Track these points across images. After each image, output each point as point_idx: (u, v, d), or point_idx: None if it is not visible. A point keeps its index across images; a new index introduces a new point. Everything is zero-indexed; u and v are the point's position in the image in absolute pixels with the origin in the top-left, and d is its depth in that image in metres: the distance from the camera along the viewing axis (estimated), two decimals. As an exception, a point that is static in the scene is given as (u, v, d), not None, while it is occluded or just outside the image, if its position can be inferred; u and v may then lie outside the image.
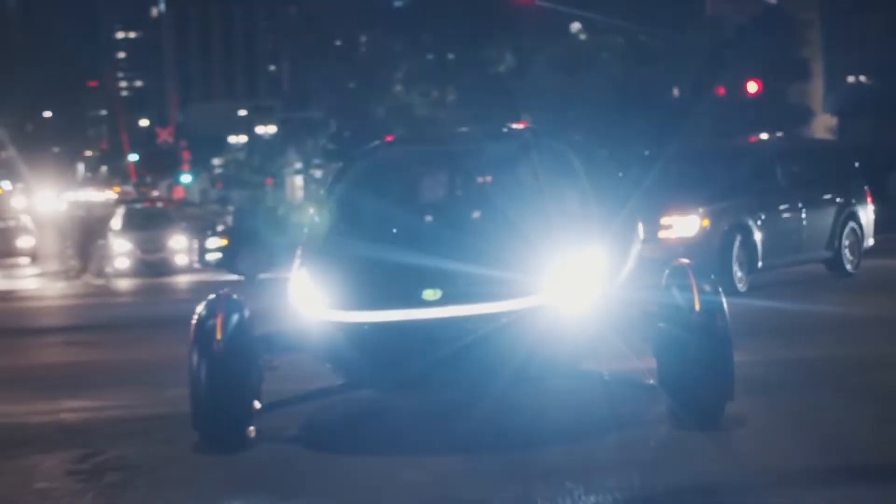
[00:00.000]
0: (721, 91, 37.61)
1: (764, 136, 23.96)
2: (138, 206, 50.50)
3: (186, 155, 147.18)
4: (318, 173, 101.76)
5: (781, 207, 17.79)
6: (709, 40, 37.41)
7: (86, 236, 40.70)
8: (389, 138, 13.95)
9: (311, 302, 8.31)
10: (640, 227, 10.16)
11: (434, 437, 8.47)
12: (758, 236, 16.95)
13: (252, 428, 8.30)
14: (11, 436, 9.49)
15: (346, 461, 7.82)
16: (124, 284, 32.94)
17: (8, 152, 79.98)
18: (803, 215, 18.16)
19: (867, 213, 19.47)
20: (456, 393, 9.08)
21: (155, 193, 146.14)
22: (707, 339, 7.98)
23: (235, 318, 8.23)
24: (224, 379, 7.99)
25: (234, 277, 28.95)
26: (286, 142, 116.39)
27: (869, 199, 19.61)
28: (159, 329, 18.03)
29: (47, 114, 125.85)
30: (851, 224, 18.95)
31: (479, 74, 51.38)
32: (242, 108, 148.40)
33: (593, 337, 8.41)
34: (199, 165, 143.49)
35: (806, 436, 8.02)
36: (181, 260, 38.68)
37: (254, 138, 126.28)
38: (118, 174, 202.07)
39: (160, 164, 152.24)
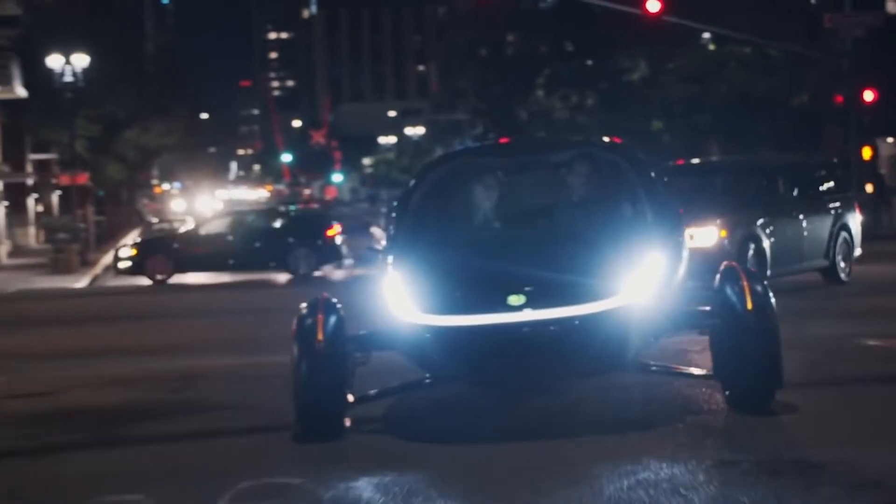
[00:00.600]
0: (839, 99, 40.17)
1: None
2: (293, 208, 53.91)
3: (338, 155, 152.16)
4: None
5: (786, 220, 18.77)
6: (827, 51, 40.04)
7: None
8: (504, 140, 14.27)
9: (402, 305, 8.83)
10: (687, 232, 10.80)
11: (511, 423, 9.04)
12: (767, 246, 17.91)
13: (347, 418, 8.85)
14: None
15: (429, 446, 8.33)
16: (282, 278, 36.82)
17: (172, 155, 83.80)
18: (804, 227, 19.10)
19: (856, 224, 20.49)
20: (532, 386, 9.86)
21: (307, 192, 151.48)
22: (758, 334, 8.61)
23: (332, 319, 8.79)
24: (322, 375, 8.58)
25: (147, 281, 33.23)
26: (434, 142, 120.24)
27: (857, 211, 20.79)
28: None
29: (204, 116, 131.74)
30: (844, 235, 19.96)
31: (614, 82, 54.65)
32: (392, 108, 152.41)
33: (660, 334, 9.10)
34: (350, 165, 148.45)
35: (854, 418, 8.72)
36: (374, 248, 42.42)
37: (403, 139, 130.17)
38: (271, 173, 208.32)
39: (313, 165, 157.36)
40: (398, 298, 8.87)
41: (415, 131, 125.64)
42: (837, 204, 20.02)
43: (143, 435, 9.32)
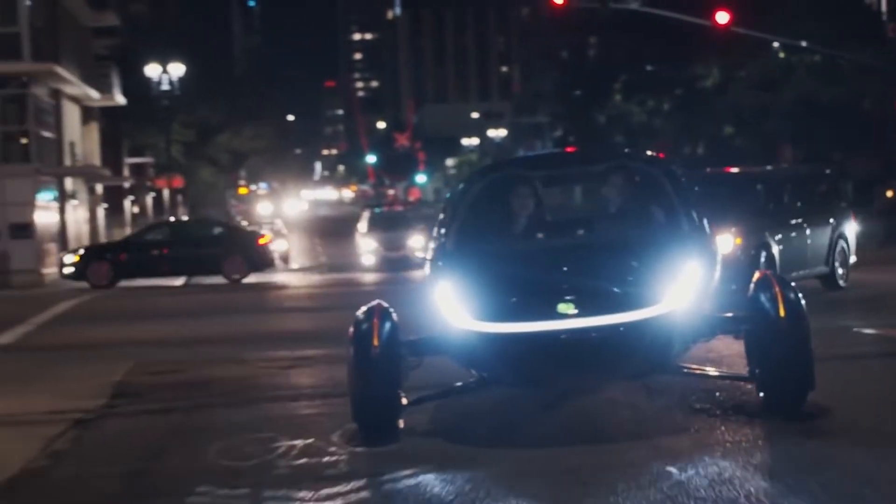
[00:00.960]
0: (902, 107, 41.87)
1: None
2: (378, 210, 55.97)
3: (421, 156, 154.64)
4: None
5: (792, 228, 19.59)
6: (891, 60, 41.76)
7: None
8: (570, 149, 15.45)
9: (455, 312, 9.17)
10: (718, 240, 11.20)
11: (559, 424, 9.48)
12: (776, 253, 18.68)
13: (401, 420, 9.22)
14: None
15: (477, 448, 8.70)
16: (371, 277, 39.09)
17: (262, 157, 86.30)
18: (808, 234, 19.95)
19: (852, 233, 21.39)
20: (580, 388, 10.40)
21: (391, 193, 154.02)
22: (791, 339, 9.03)
23: (387, 325, 9.16)
24: (378, 379, 8.97)
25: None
26: (516, 143, 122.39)
27: (853, 220, 21.64)
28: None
29: (291, 118, 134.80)
30: (841, 243, 20.84)
31: (688, 88, 56.61)
32: (475, 110, 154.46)
33: (699, 338, 9.51)
34: (434, 166, 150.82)
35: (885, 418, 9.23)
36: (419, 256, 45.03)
37: (485, 140, 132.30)
38: (356, 173, 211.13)
39: (397, 166, 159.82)
40: (450, 305, 9.25)
41: (497, 133, 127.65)
42: (835, 213, 21.01)
43: (266, 396, 11.74)
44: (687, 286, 9.16)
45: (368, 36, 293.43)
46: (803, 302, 9.22)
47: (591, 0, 45.36)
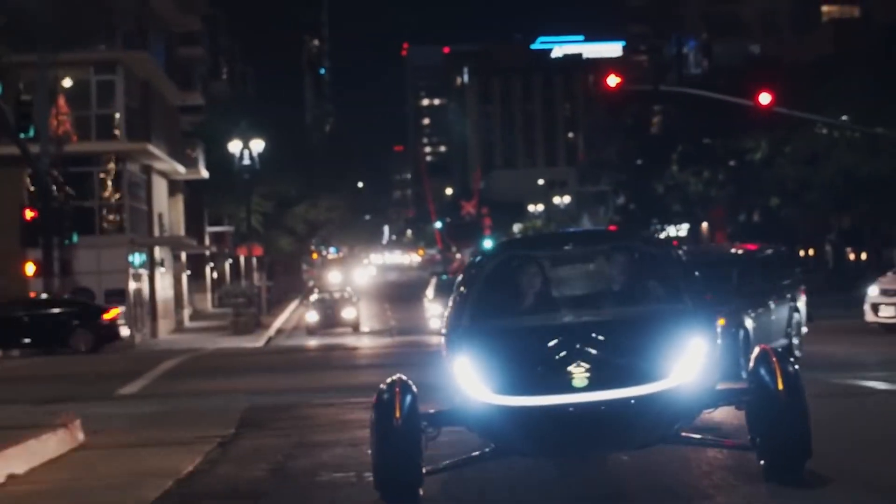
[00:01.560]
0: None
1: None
2: (444, 277, 59.55)
3: (488, 221, 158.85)
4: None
5: (761, 306, 21.49)
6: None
7: None
8: (612, 228, 16.25)
9: (473, 385, 9.73)
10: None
11: (572, 492, 10.24)
12: (751, 329, 20.60)
13: (421, 489, 9.80)
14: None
15: None
16: (437, 340, 42.65)
17: (334, 224, 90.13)
18: (772, 309, 21.96)
19: (804, 305, 23.67)
20: (591, 458, 11.05)
21: (458, 258, 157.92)
22: (789, 410, 9.61)
23: (408, 398, 9.74)
24: (399, 450, 9.59)
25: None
26: (581, 209, 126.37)
27: (803, 294, 23.82)
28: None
29: (360, 184, 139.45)
30: (796, 315, 23.07)
31: (740, 160, 60.25)
32: (542, 176, 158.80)
33: (703, 409, 10.17)
34: (500, 231, 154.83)
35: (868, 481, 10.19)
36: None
37: (550, 206, 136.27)
38: (424, 238, 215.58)
39: (463, 233, 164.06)
40: (468, 379, 9.81)
41: (562, 200, 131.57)
42: (790, 289, 23.47)
43: (355, 426, 15.49)
44: (692, 361, 9.74)
45: (437, 101, 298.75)
46: (800, 376, 9.87)
47: (643, 84, 49.21)
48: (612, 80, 47.18)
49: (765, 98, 45.85)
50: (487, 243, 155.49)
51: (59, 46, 45.24)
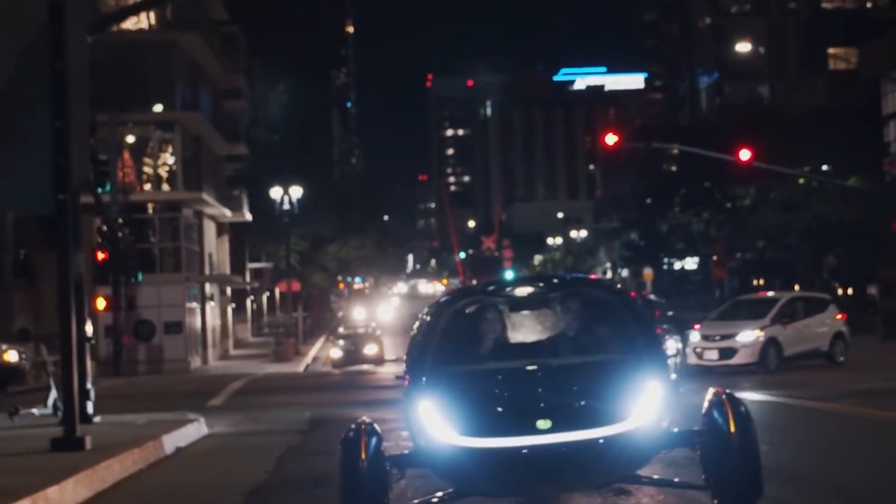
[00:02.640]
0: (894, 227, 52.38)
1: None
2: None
3: (508, 253, 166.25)
4: (624, 272, 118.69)
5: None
6: (889, 186, 52.26)
7: None
8: (593, 276, 14.45)
9: (438, 428, 10.15)
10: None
11: None
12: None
13: None
14: None
15: None
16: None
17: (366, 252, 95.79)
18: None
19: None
20: (552, 497, 11.58)
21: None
22: (741, 451, 10.24)
23: (374, 440, 10.28)
24: (365, 491, 10.18)
25: None
26: (598, 242, 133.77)
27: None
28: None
29: (386, 217, 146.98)
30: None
31: (733, 204, 67.53)
32: (562, 208, 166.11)
33: (660, 449, 10.68)
34: (521, 262, 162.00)
35: None
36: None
37: (568, 240, 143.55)
38: (447, 267, 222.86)
39: (483, 266, 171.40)
40: (433, 421, 10.19)
41: (578, 234, 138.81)
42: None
43: (390, 434, 22.75)
44: (648, 404, 10.20)
45: (461, 132, 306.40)
46: (751, 418, 10.42)
47: (637, 142, 56.58)
48: (611, 139, 54.51)
49: (745, 154, 53.09)
50: (508, 275, 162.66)
51: (125, 107, 52.76)
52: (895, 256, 55.74)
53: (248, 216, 67.57)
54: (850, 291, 70.89)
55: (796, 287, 72.18)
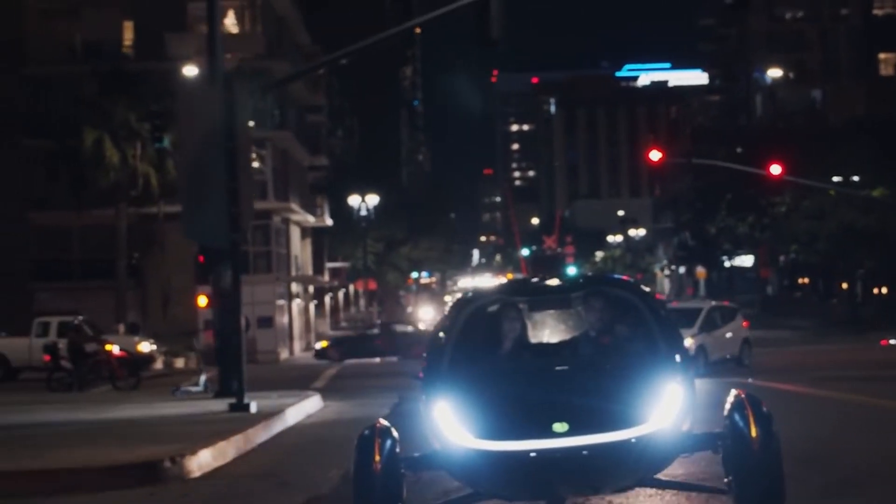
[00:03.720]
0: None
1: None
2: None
3: (570, 249, 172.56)
4: (681, 269, 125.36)
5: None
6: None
7: None
8: (625, 278, 15.53)
9: (454, 431, 10.16)
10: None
11: None
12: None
13: None
14: None
15: None
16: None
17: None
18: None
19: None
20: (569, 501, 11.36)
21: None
22: (763, 455, 10.20)
23: (388, 443, 10.36)
24: (380, 494, 10.26)
25: None
26: (656, 241, 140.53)
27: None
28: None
29: (453, 215, 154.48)
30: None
31: (774, 210, 74.56)
32: (624, 206, 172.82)
33: (681, 453, 10.64)
34: (583, 259, 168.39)
35: None
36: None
37: (628, 238, 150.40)
38: (511, 262, 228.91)
39: (545, 263, 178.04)
40: (448, 423, 10.26)
41: (637, 232, 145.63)
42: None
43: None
44: (669, 407, 10.20)
45: (526, 127, 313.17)
46: (774, 420, 10.38)
47: (680, 157, 63.73)
48: (655, 155, 61.83)
49: (775, 169, 59.99)
50: (571, 270, 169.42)
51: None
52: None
53: (329, 221, 75.44)
54: (884, 291, 77.69)
55: (843, 286, 78.96)
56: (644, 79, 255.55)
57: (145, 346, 45.69)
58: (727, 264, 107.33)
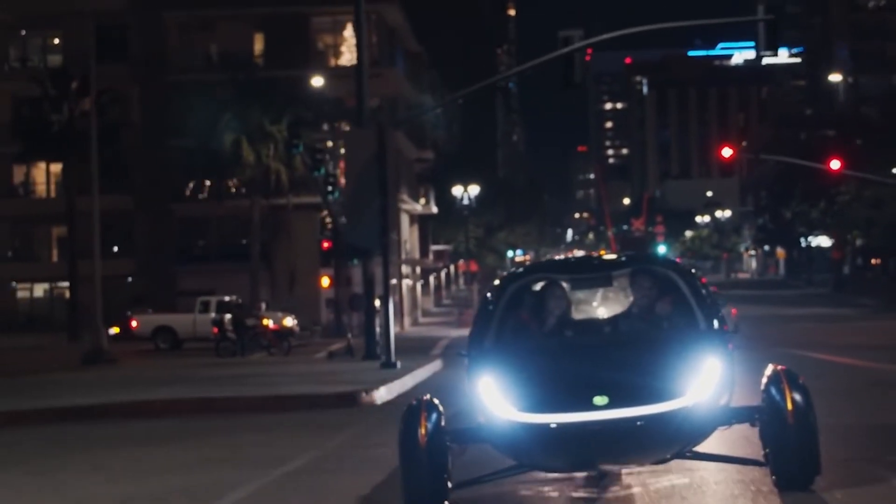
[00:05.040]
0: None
1: None
2: None
3: (660, 228, 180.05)
4: (765, 249, 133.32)
5: None
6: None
7: None
8: (678, 259, 14.77)
9: (498, 404, 10.72)
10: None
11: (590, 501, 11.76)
12: None
13: (447, 502, 10.96)
14: None
15: None
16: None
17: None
18: None
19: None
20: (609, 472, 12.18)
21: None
22: (799, 429, 10.70)
23: (434, 416, 10.95)
24: (426, 466, 10.82)
25: None
26: (741, 222, 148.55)
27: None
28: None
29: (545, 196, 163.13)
30: None
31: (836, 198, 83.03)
32: (711, 188, 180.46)
33: (718, 426, 11.15)
34: (673, 238, 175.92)
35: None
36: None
37: (714, 219, 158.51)
38: (603, 241, 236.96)
39: (634, 243, 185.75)
40: (493, 398, 10.84)
41: (723, 214, 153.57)
42: None
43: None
44: (707, 380, 10.74)
45: (619, 105, 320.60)
46: (810, 395, 10.94)
47: (749, 154, 72.13)
48: (727, 152, 70.29)
49: (835, 164, 67.78)
50: (661, 249, 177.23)
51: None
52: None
53: (434, 209, 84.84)
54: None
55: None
56: (737, 57, 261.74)
57: (289, 321, 55.25)
58: (805, 245, 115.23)
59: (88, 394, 27.06)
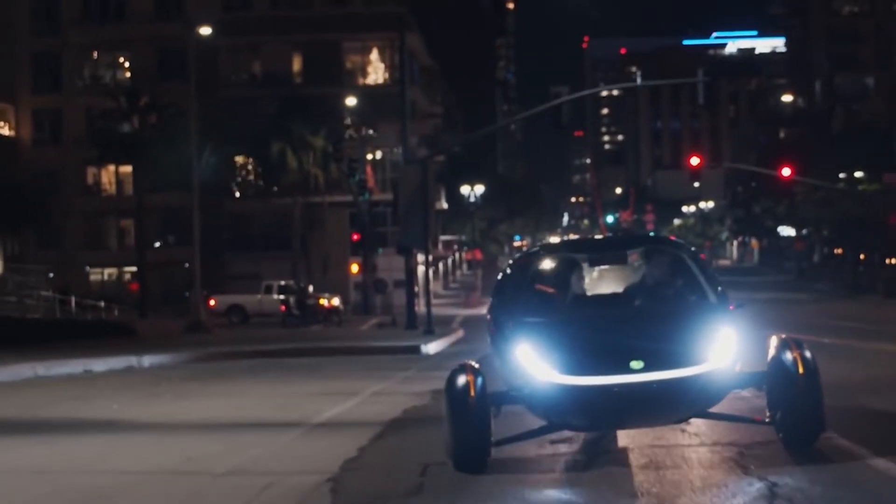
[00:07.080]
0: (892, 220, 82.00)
1: None
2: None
3: (650, 216, 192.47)
4: (743, 239, 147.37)
5: None
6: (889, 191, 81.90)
7: None
8: (672, 238, 16.23)
9: (538, 368, 11.94)
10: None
11: (616, 457, 13.01)
12: None
13: (489, 455, 12.30)
14: None
15: (547, 478, 12.27)
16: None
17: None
18: None
19: None
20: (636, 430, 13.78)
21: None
22: (807, 392, 11.93)
23: (479, 380, 12.11)
24: (474, 425, 11.99)
25: None
26: (724, 213, 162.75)
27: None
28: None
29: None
30: None
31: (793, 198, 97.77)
32: (699, 178, 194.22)
33: (733, 389, 12.53)
34: (663, 225, 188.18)
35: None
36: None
37: (699, 209, 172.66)
38: (596, 227, 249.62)
39: (624, 229, 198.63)
40: (532, 362, 12.09)
41: (707, 205, 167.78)
42: None
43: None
44: (724, 348, 12.12)
45: (615, 92, 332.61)
46: (816, 361, 12.15)
47: (714, 163, 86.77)
48: (695, 161, 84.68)
49: (786, 171, 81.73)
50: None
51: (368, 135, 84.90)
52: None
53: (445, 205, 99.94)
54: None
55: (862, 256, 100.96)
56: (731, 46, 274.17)
57: (336, 301, 70.54)
58: (776, 236, 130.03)
59: (246, 344, 41.62)
